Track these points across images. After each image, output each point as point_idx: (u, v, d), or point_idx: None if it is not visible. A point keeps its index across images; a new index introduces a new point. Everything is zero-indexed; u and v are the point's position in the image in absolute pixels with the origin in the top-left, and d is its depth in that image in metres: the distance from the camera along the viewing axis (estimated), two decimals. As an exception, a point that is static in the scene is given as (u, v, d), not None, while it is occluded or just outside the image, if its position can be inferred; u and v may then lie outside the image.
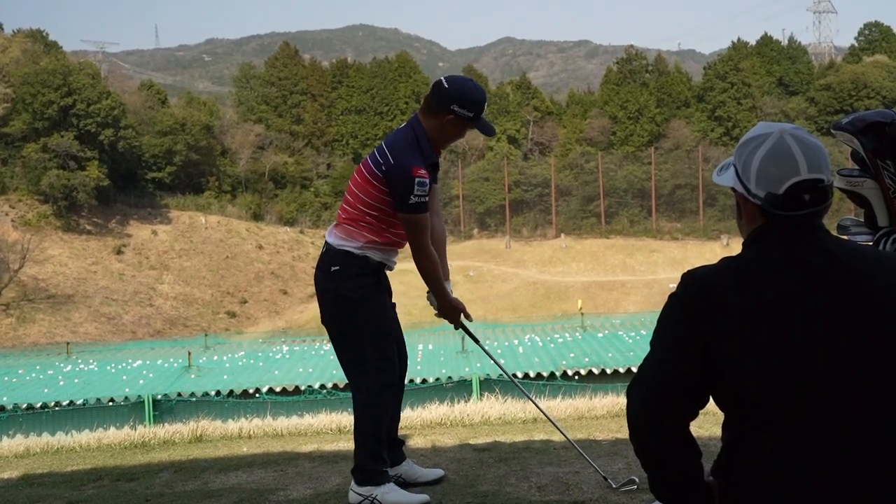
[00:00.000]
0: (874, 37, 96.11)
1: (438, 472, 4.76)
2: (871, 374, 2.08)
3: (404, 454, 4.74)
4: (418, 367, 17.16)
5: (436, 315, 4.76)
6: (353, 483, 4.40)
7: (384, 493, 4.32)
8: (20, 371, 20.09)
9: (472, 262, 70.80)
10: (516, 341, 20.20)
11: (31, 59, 72.36)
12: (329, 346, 19.88)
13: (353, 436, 4.43)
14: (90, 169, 67.33)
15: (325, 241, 4.52)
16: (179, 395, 15.73)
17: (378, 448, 4.39)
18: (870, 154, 3.20)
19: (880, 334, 2.10)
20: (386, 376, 4.44)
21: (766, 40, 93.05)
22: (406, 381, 4.74)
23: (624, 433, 3.52)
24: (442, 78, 4.49)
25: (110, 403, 15.29)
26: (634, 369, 14.32)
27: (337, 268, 4.43)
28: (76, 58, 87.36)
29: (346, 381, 4.65)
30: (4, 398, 16.38)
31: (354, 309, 4.43)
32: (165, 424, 7.93)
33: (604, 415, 7.06)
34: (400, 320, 4.71)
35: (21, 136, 68.73)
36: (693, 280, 2.25)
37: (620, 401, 7.39)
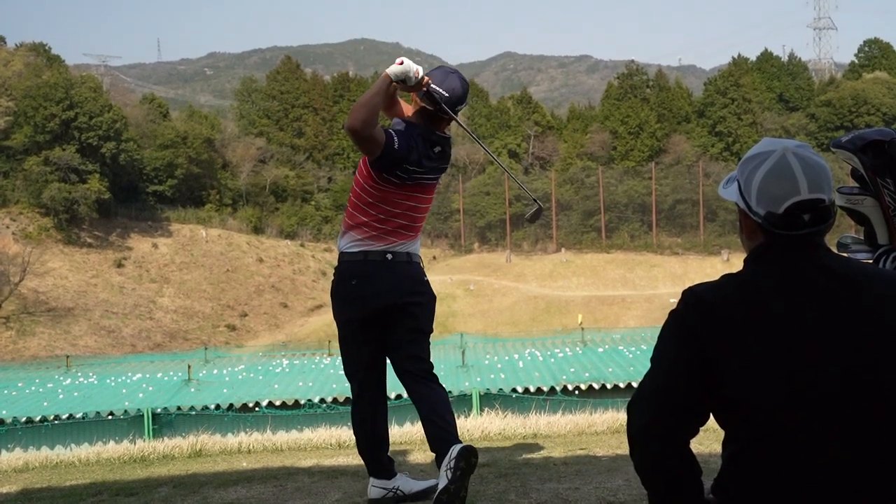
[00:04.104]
0: (874, 53, 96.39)
1: (433, 481, 4.75)
2: (872, 390, 2.09)
3: (395, 471, 4.75)
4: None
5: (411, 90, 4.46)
6: (371, 479, 4.64)
7: (400, 484, 4.60)
8: (20, 384, 20.04)
9: (472, 276, 70.83)
10: (516, 356, 20.15)
11: (34, 72, 72.57)
12: (329, 360, 19.82)
13: (351, 451, 4.51)
14: (91, 182, 67.47)
15: None
16: (179, 408, 15.71)
17: (367, 448, 4.65)
18: (870, 172, 3.20)
19: (880, 350, 2.11)
20: (356, 383, 4.64)
21: (766, 56, 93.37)
22: (404, 396, 4.78)
23: (624, 449, 3.53)
24: None
25: (110, 417, 15.26)
26: (635, 384, 14.32)
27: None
28: (78, 71, 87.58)
29: (346, 396, 4.76)
30: (4, 412, 16.35)
31: (334, 313, 4.60)
32: (165, 438, 7.92)
33: (604, 430, 7.05)
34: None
35: (23, 149, 68.87)
36: (694, 296, 2.25)
37: (621, 417, 7.38)
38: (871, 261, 3.24)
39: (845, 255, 3.25)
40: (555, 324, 55.33)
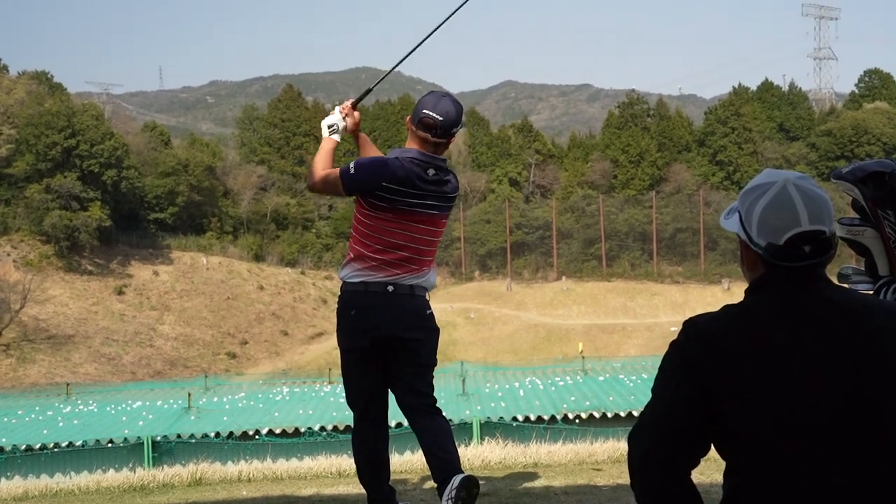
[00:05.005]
0: (874, 84, 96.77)
1: None
2: (872, 421, 2.09)
3: (396, 500, 4.75)
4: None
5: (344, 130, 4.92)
6: None
7: None
8: (19, 412, 20.01)
9: (473, 304, 70.77)
10: (517, 384, 20.12)
11: (36, 100, 72.76)
12: (329, 388, 19.79)
13: (352, 480, 4.51)
14: (92, 209, 67.52)
15: None
16: (179, 436, 15.66)
17: (368, 476, 4.65)
18: (870, 203, 3.22)
19: (880, 381, 2.11)
20: (357, 411, 4.67)
21: (766, 86, 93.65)
22: (405, 425, 4.77)
23: (625, 479, 3.52)
24: None
25: (109, 445, 15.24)
26: (635, 413, 14.27)
27: None
28: (80, 99, 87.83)
29: (347, 424, 4.79)
30: (3, 439, 16.32)
31: (337, 340, 4.65)
32: (165, 467, 7.90)
33: (605, 460, 7.03)
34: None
35: (24, 176, 68.97)
36: (694, 328, 2.25)
37: (622, 446, 7.36)
38: (871, 292, 3.24)
39: (846, 286, 3.26)
40: (555, 352, 55.20)
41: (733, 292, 64.55)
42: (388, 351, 4.47)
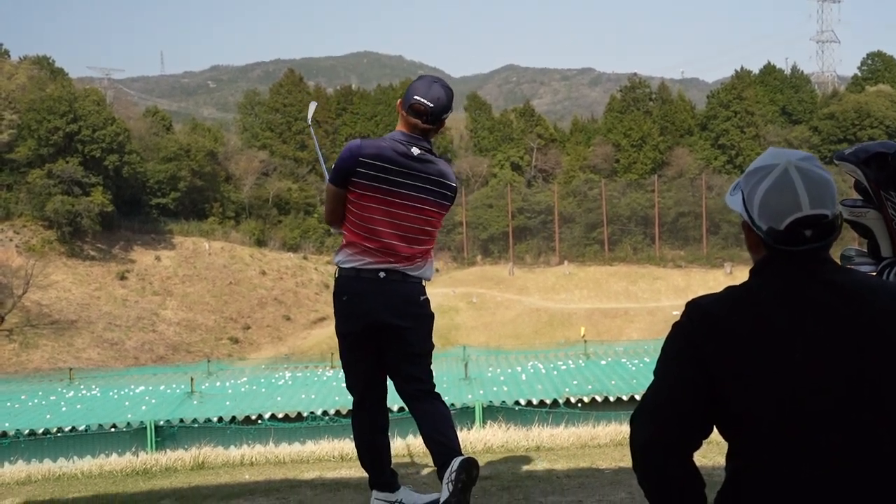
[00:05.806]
0: (876, 67, 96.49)
1: (436, 495, 4.75)
2: (874, 404, 2.08)
3: (398, 484, 4.75)
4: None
5: None
6: (373, 491, 4.66)
7: (403, 497, 4.63)
8: (23, 397, 20.01)
9: (475, 289, 70.75)
10: (519, 368, 20.12)
11: (38, 85, 72.62)
12: (331, 373, 19.80)
13: (354, 464, 4.51)
14: (95, 195, 67.49)
15: None
16: (182, 421, 15.69)
17: (369, 460, 4.68)
18: (873, 184, 3.20)
19: (882, 364, 2.10)
20: (356, 395, 4.67)
21: (769, 69, 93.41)
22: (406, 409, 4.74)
23: (627, 462, 3.53)
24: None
25: (112, 429, 15.24)
26: (638, 397, 14.28)
27: None
28: (82, 84, 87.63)
29: (349, 408, 4.78)
30: (7, 424, 16.33)
31: (335, 324, 4.61)
32: (167, 451, 7.89)
33: (607, 443, 7.03)
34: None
35: (26, 162, 68.88)
36: (697, 309, 2.25)
37: (623, 429, 7.36)
38: (874, 273, 3.23)
39: (849, 267, 3.25)
40: (557, 336, 55.24)
41: (736, 276, 64.52)
42: (381, 337, 4.46)
